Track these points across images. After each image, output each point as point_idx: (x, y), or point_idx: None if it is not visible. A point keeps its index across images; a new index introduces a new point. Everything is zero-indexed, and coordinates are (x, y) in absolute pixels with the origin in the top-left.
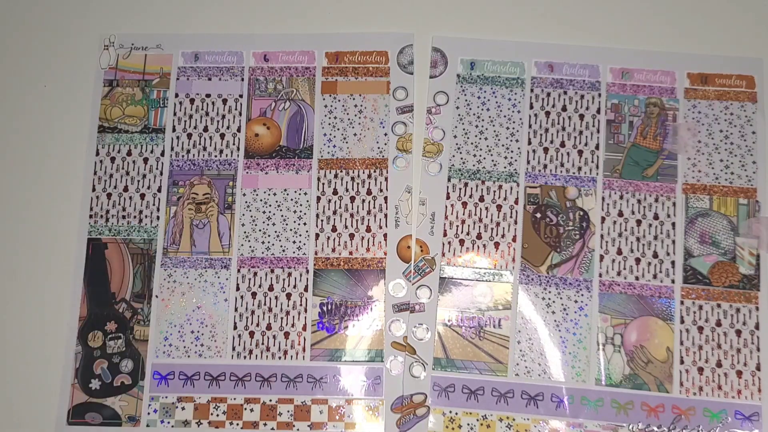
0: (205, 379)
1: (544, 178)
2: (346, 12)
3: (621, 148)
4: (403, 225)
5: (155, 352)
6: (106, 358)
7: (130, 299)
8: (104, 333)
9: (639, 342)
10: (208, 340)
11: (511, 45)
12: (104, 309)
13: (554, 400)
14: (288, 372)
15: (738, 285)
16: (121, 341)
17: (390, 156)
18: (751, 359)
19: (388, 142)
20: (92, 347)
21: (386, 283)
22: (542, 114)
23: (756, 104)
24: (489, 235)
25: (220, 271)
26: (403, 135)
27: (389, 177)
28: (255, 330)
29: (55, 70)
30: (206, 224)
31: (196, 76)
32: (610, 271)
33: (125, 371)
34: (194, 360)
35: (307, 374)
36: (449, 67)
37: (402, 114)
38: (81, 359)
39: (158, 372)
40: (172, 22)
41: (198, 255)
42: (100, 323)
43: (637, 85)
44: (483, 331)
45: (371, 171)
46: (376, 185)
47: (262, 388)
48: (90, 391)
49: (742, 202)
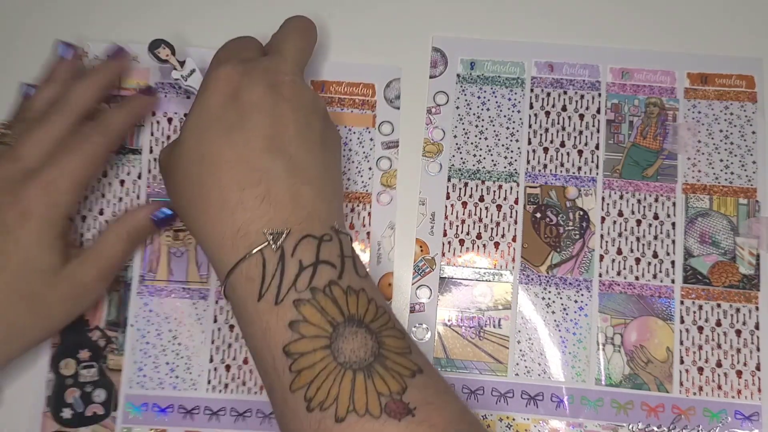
0: (179, 412)
1: (544, 178)
2: (333, 38)
3: (621, 148)
4: (385, 262)
5: (129, 383)
6: (79, 387)
7: (104, 327)
8: (77, 361)
9: (639, 342)
10: (183, 372)
11: (511, 45)
12: (77, 336)
13: (554, 400)
14: (264, 408)
15: (738, 285)
16: (94, 370)
17: (374, 191)
18: (751, 359)
19: (372, 177)
20: (64, 375)
21: None
22: (542, 114)
23: (756, 104)
24: (489, 235)
25: (198, 301)
26: (388, 171)
27: (372, 212)
28: (231, 363)
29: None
30: (184, 252)
31: (174, 92)
32: (609, 271)
33: (98, 401)
34: (168, 392)
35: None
36: (449, 67)
37: (387, 149)
38: (53, 387)
39: (132, 403)
40: (149, 34)
41: (175, 284)
42: (73, 351)
43: (637, 85)
44: (483, 331)
45: (354, 205)
46: (359, 219)
47: (236, 423)
48: (61, 420)
49: (742, 202)
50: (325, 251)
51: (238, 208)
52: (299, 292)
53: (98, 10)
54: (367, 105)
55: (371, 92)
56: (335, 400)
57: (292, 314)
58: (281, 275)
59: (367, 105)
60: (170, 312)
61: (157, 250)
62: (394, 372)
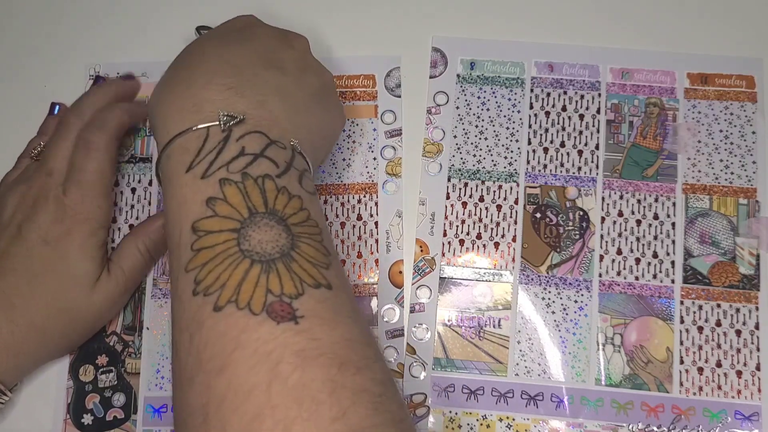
0: None
1: (544, 178)
2: (334, 36)
3: (621, 148)
4: (394, 250)
5: (147, 386)
6: (98, 393)
7: (120, 332)
8: (95, 367)
9: (639, 342)
10: None
11: (511, 45)
12: (95, 342)
13: (554, 400)
14: None
15: (738, 285)
16: (113, 375)
17: (379, 181)
18: (750, 359)
19: (378, 167)
20: (84, 381)
21: (379, 309)
22: (542, 114)
23: (756, 104)
24: (489, 235)
25: None
26: (392, 159)
27: (379, 202)
28: None
29: (44, 101)
30: None
31: None
32: (609, 271)
33: (117, 405)
34: None
35: None
36: (449, 67)
37: (390, 138)
38: (73, 394)
39: (151, 405)
40: (157, 49)
41: None
42: (91, 357)
43: (637, 85)
44: (483, 331)
45: (361, 196)
46: (366, 210)
47: None
48: (82, 427)
49: (742, 202)
50: (273, 152)
51: (202, 89)
52: (230, 173)
53: (86, 7)
54: (369, 96)
55: (372, 83)
56: (221, 287)
57: (213, 191)
58: (218, 153)
59: (369, 96)
60: None
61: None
62: (296, 276)
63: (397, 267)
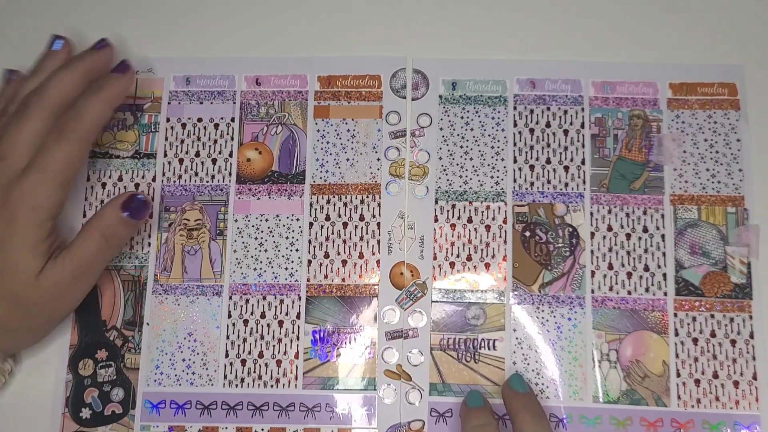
0: (197, 408)
1: (532, 196)
2: (338, 35)
3: (607, 162)
4: (395, 251)
5: (146, 381)
6: (97, 387)
7: (120, 327)
8: (95, 361)
9: (634, 357)
10: (200, 368)
11: (492, 63)
12: (95, 337)
13: (553, 419)
14: (280, 401)
15: (730, 294)
16: (112, 369)
17: (383, 181)
18: (747, 369)
19: (381, 168)
20: (83, 375)
21: (379, 310)
22: (526, 131)
23: (739, 112)
24: (479, 256)
25: (212, 298)
26: (396, 160)
27: (382, 203)
28: (247, 358)
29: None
30: (198, 251)
31: (187, 100)
32: (602, 287)
33: (116, 400)
34: (186, 388)
35: (300, 403)
36: (430, 88)
37: (395, 139)
38: (71, 388)
39: (149, 401)
40: (164, 45)
41: (190, 282)
42: (90, 351)
43: (619, 97)
44: (478, 354)
45: (364, 196)
46: (369, 211)
47: (254, 417)
48: (81, 420)
49: (730, 211)
50: None
51: None
52: None
53: (97, 6)
54: (374, 96)
55: (377, 83)
56: None
57: None
58: None
59: (374, 96)
60: (185, 309)
61: (171, 249)
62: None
63: (398, 268)
